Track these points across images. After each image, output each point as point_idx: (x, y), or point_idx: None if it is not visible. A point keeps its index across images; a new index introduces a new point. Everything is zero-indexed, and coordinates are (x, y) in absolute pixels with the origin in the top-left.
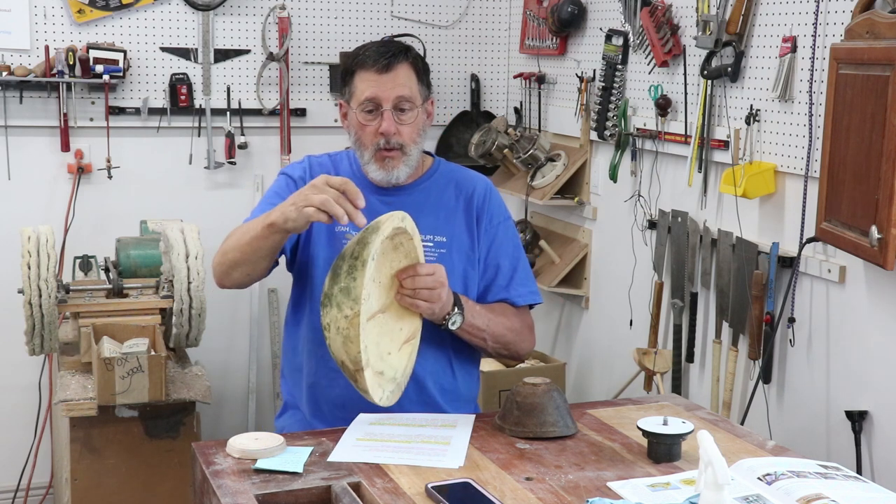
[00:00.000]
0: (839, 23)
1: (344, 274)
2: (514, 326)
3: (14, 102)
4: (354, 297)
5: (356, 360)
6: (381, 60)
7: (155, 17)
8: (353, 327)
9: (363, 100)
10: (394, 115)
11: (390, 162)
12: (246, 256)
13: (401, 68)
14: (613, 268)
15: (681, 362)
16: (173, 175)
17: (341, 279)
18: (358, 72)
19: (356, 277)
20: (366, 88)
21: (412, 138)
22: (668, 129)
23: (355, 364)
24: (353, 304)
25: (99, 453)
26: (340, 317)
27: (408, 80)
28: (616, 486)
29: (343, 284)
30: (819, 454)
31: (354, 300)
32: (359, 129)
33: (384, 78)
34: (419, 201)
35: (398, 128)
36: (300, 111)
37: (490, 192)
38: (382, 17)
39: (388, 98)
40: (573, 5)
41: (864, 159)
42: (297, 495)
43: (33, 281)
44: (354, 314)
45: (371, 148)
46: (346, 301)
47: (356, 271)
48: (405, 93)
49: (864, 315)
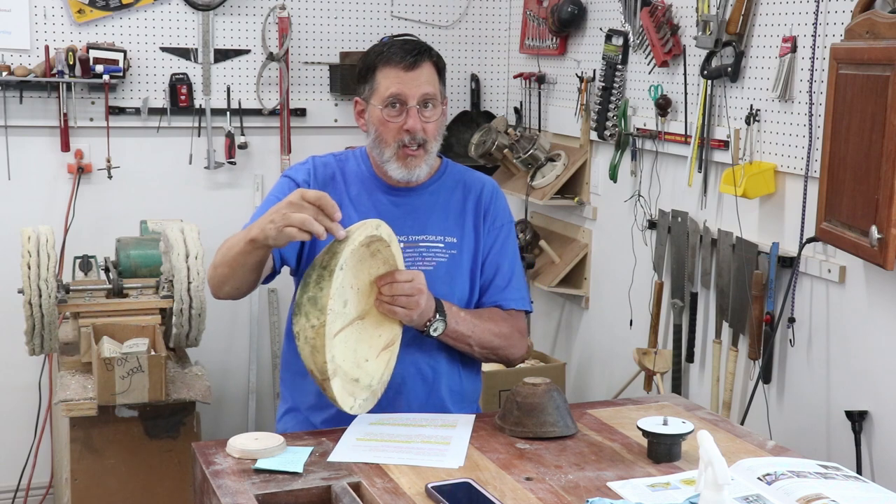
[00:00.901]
0: (839, 23)
1: (312, 283)
2: (502, 332)
3: (14, 102)
4: (321, 307)
5: (322, 370)
6: (408, 58)
7: (155, 17)
8: (319, 337)
9: (388, 96)
10: (419, 113)
11: (413, 161)
12: (233, 271)
13: (425, 66)
14: (613, 268)
15: (681, 362)
16: (173, 175)
17: (310, 288)
18: (381, 68)
19: (323, 287)
20: (390, 85)
21: (434, 135)
22: (668, 129)
23: (322, 374)
24: (318, 314)
25: (99, 453)
26: (308, 326)
27: (431, 78)
28: (616, 486)
29: (311, 294)
30: (819, 454)
31: (321, 310)
32: (380, 126)
33: (410, 75)
34: (430, 203)
35: (423, 125)
36: (300, 111)
37: (496, 193)
38: (382, 17)
39: (414, 95)
40: (573, 5)
41: (864, 159)
42: (297, 495)
43: (33, 281)
44: (321, 324)
45: (393, 145)
46: (312, 311)
47: (324, 281)
48: (430, 90)
49: (864, 315)
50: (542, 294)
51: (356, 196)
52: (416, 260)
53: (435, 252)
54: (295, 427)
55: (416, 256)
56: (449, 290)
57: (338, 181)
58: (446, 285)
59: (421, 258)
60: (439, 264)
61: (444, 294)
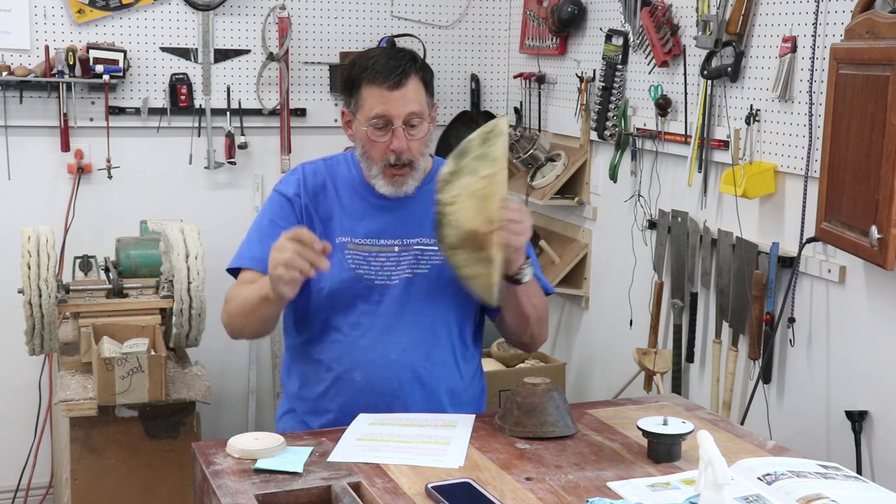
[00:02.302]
0: (839, 23)
1: (476, 145)
2: (546, 306)
3: (14, 102)
4: (493, 158)
5: (492, 220)
6: (392, 77)
7: (155, 17)
8: (492, 185)
9: (372, 116)
10: (405, 132)
11: (399, 179)
12: (251, 323)
13: (410, 83)
14: (613, 268)
15: (681, 362)
16: (173, 175)
17: (473, 150)
18: (365, 85)
19: (494, 144)
20: (375, 104)
21: (421, 152)
22: (668, 129)
23: (490, 224)
24: (492, 164)
25: (99, 453)
26: (475, 180)
27: (417, 95)
28: (616, 486)
29: (478, 153)
30: (819, 454)
31: (493, 161)
32: (367, 144)
33: (394, 95)
34: (423, 206)
35: (409, 144)
36: (300, 111)
37: None
38: (382, 17)
39: (399, 115)
40: (573, 5)
41: (864, 159)
42: (297, 495)
43: (33, 281)
44: (495, 172)
45: (380, 164)
46: (482, 165)
47: (491, 140)
48: (415, 108)
49: (864, 315)
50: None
51: (348, 203)
52: (411, 263)
53: (430, 255)
54: (295, 427)
55: (411, 259)
56: (444, 293)
57: (329, 189)
58: (441, 288)
59: (416, 261)
60: (433, 267)
61: (440, 297)
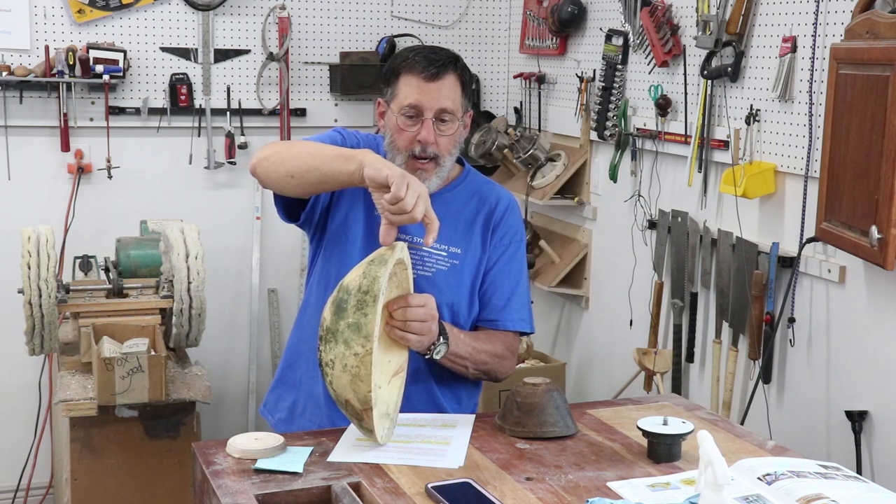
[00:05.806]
0: (839, 23)
1: (352, 309)
2: (497, 352)
3: (14, 102)
4: (366, 334)
5: (366, 400)
6: (431, 68)
7: (155, 17)
8: (364, 365)
9: (405, 104)
10: (434, 126)
11: (422, 174)
12: (303, 173)
13: (448, 79)
14: (613, 268)
15: (681, 362)
16: (173, 175)
17: (349, 315)
18: (403, 75)
19: (367, 314)
20: (410, 94)
21: (448, 150)
22: (668, 129)
23: (364, 403)
24: (364, 341)
25: (99, 453)
26: (349, 354)
27: (452, 92)
28: (616, 486)
29: (352, 320)
30: (819, 454)
31: (366, 337)
32: (395, 133)
33: (430, 86)
34: (441, 210)
35: (437, 138)
36: (300, 111)
37: (510, 209)
38: (382, 17)
39: (431, 107)
40: (573, 5)
41: (864, 159)
42: (297, 495)
43: (33, 281)
44: (366, 352)
45: (404, 154)
46: (355, 338)
47: (367, 307)
48: (448, 105)
49: (864, 315)
50: (542, 294)
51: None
52: (416, 264)
53: (436, 259)
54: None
55: (417, 260)
56: (443, 300)
57: None
58: (442, 294)
59: (421, 263)
60: (438, 272)
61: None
